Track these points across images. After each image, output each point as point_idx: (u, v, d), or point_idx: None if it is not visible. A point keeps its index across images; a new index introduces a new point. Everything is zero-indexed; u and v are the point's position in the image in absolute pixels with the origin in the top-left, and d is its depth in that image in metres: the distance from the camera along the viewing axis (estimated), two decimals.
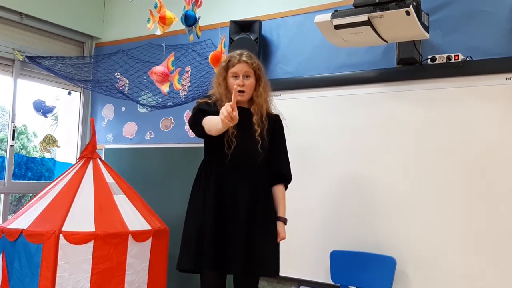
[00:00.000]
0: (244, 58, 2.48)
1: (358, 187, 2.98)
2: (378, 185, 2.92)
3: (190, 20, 2.91)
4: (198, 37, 2.99)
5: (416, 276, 2.74)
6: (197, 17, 2.94)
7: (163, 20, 2.93)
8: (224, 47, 3.14)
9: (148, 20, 2.95)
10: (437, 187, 2.74)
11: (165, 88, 3.17)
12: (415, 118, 2.84)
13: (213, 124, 2.26)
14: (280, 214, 2.53)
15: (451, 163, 2.71)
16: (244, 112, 2.42)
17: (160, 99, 3.76)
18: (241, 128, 2.36)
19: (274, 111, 2.61)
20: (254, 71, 2.48)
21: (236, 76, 2.45)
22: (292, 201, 2.59)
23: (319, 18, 2.58)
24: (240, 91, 2.42)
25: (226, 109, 2.06)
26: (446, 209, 2.70)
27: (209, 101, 2.49)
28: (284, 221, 2.53)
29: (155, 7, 2.96)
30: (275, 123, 2.57)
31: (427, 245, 2.73)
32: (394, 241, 2.82)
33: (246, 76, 2.46)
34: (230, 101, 2.18)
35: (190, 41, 3.05)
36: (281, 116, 2.61)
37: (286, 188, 2.60)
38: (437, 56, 2.77)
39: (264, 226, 2.43)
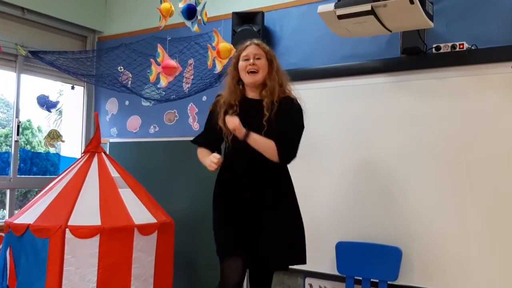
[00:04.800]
0: (254, 41, 2.51)
1: (363, 178, 2.97)
2: (383, 175, 2.91)
3: (184, 14, 2.92)
4: (204, 24, 2.99)
5: (422, 266, 2.74)
6: (197, 8, 2.94)
7: (162, 12, 2.96)
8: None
9: (160, 18, 2.99)
10: (442, 176, 2.73)
11: (163, 81, 3.21)
12: (420, 108, 2.83)
13: (202, 159, 2.51)
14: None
15: (456, 152, 2.70)
16: (253, 102, 2.45)
17: (164, 93, 3.76)
18: (250, 117, 2.38)
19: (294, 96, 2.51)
20: (266, 53, 2.47)
21: (247, 59, 2.44)
22: (298, 192, 2.57)
23: (322, 8, 2.57)
24: (252, 72, 2.41)
25: (212, 160, 2.36)
26: (452, 199, 2.69)
27: (213, 108, 2.55)
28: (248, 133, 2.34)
29: (160, 3, 2.98)
30: (287, 104, 2.44)
31: (433, 235, 2.72)
32: (400, 231, 2.81)
33: (257, 59, 2.44)
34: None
35: (197, 32, 3.05)
36: (299, 100, 2.49)
37: (281, 157, 2.36)
38: (441, 45, 2.75)
39: (281, 217, 2.40)
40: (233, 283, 2.35)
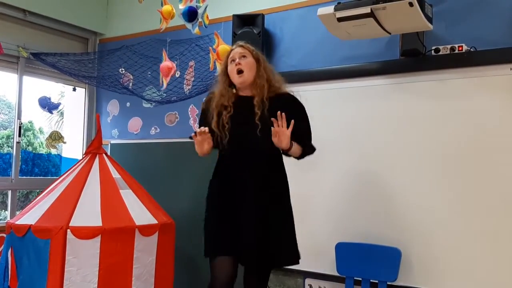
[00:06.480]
0: (239, 43, 2.54)
1: (363, 179, 2.98)
2: (383, 177, 2.92)
3: (185, 17, 2.94)
4: (206, 26, 3.02)
5: (421, 267, 2.75)
6: (197, 11, 2.96)
7: (163, 14, 2.99)
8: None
9: (161, 21, 3.02)
10: (442, 178, 2.74)
11: (164, 83, 3.27)
12: (419, 110, 2.84)
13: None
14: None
15: (455, 154, 2.71)
16: (246, 100, 2.45)
17: (165, 94, 3.77)
18: (242, 115, 2.39)
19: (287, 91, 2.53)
20: (251, 52, 2.48)
21: (233, 60, 2.46)
22: (297, 194, 2.59)
23: (322, 10, 2.58)
24: (239, 72, 2.43)
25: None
26: (451, 201, 2.70)
27: (206, 107, 2.52)
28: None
29: (162, 6, 3.00)
30: (287, 102, 2.47)
31: (432, 236, 2.73)
32: (399, 232, 2.82)
33: (243, 57, 2.46)
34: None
35: (198, 35, 3.08)
36: (294, 94, 2.52)
37: (305, 151, 2.49)
38: (440, 47, 2.76)
39: (276, 213, 2.40)
40: (221, 283, 2.36)
